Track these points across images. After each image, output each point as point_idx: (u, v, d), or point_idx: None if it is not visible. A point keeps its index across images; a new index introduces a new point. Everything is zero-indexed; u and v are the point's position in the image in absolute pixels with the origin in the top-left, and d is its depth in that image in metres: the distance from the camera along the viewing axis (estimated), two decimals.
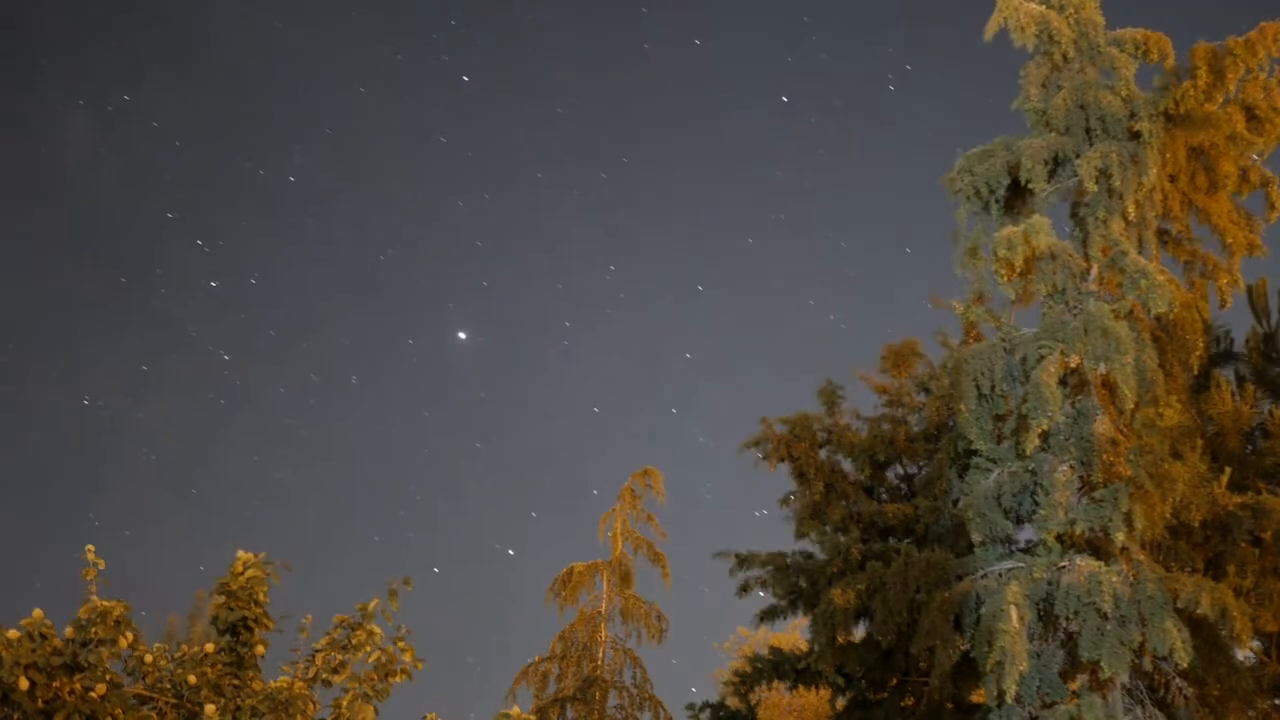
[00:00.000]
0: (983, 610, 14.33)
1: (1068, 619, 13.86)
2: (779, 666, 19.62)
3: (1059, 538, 14.10)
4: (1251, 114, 15.41)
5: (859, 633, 18.40)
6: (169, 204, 57.23)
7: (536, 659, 24.20)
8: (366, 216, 55.85)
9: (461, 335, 49.03)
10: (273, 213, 55.86)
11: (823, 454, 20.22)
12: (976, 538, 14.81)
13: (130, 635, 7.53)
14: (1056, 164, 15.16)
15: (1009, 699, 13.52)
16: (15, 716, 7.07)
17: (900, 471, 20.58)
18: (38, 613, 7.28)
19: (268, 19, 53.94)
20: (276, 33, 53.28)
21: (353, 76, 57.47)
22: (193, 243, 52.79)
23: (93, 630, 7.39)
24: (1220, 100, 15.18)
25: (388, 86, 55.50)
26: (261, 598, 8.10)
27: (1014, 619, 13.71)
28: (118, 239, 55.95)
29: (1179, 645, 13.14)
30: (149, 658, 7.68)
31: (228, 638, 8.06)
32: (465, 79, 53.87)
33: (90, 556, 7.57)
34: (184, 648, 7.94)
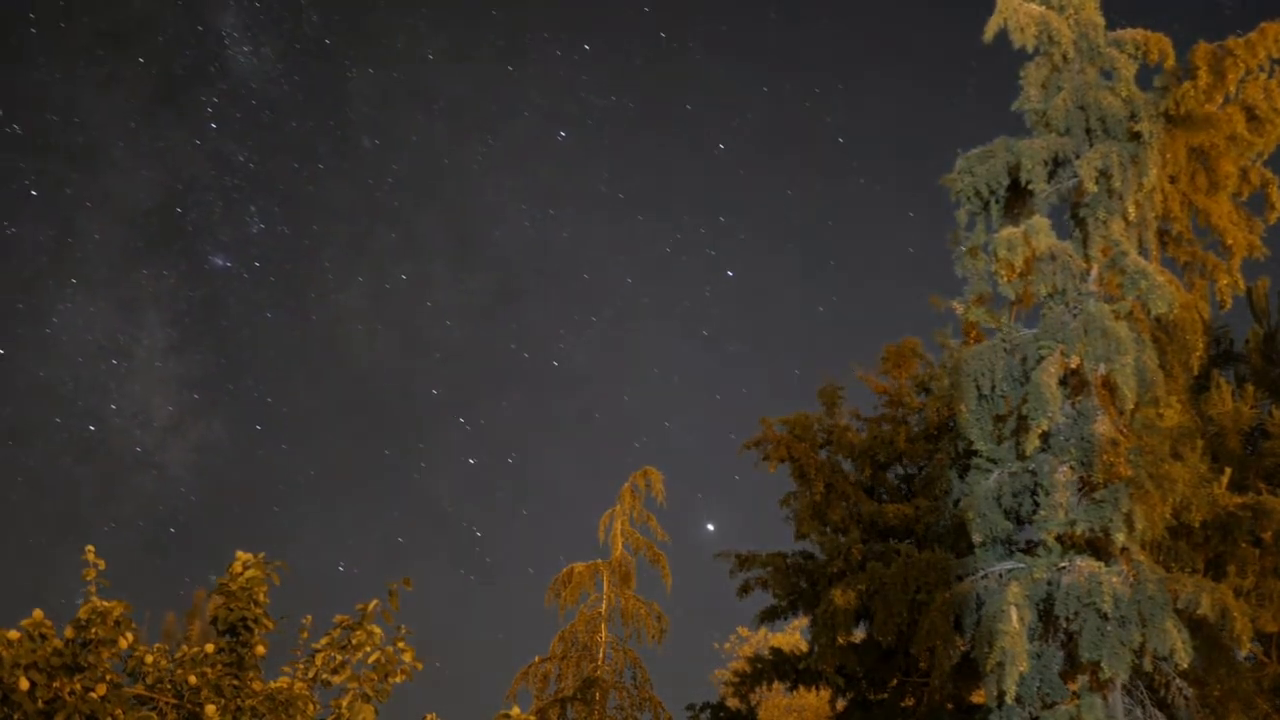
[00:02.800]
0: (983, 611, 14.33)
1: (1068, 619, 13.86)
2: (779, 667, 19.62)
3: (1059, 538, 14.09)
4: (1251, 114, 15.39)
5: (859, 633, 18.39)
6: (435, 381, 58.66)
7: (536, 659, 24.20)
8: (625, 403, 57.28)
9: (710, 527, 49.30)
10: (535, 395, 58.10)
11: (823, 454, 20.23)
12: (977, 538, 14.80)
13: (130, 636, 7.53)
14: (1057, 165, 15.16)
15: (1009, 699, 13.52)
16: (15, 717, 7.07)
17: (900, 472, 20.58)
18: (38, 613, 7.28)
19: (544, 210, 57.49)
20: (551, 221, 56.26)
21: (623, 268, 59.80)
22: (455, 420, 55.26)
23: (93, 630, 7.39)
24: (1220, 101, 15.16)
25: (656, 278, 58.01)
26: (261, 598, 8.09)
27: (1014, 619, 13.71)
28: (384, 411, 58.34)
29: (1179, 646, 13.13)
30: (149, 658, 7.68)
31: (228, 638, 8.06)
32: (730, 273, 56.31)
33: (90, 557, 7.56)
34: (184, 648, 7.94)
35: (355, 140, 54.86)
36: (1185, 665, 13.28)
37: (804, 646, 26.16)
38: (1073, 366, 14.47)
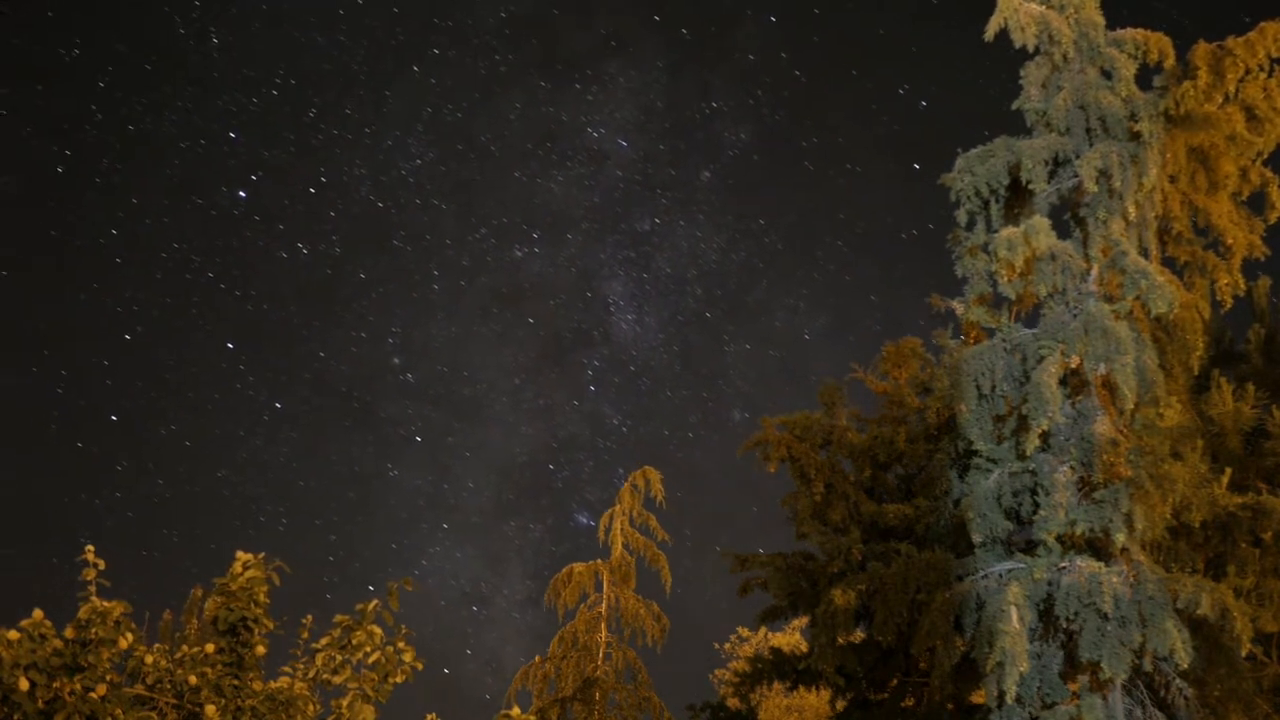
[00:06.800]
0: (983, 611, 14.33)
1: (1068, 620, 13.86)
2: (779, 667, 19.61)
3: (1059, 538, 14.09)
4: (1251, 114, 15.39)
5: (859, 633, 18.39)
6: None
7: (536, 660, 24.21)
8: None
9: None
10: None
11: (823, 455, 20.22)
12: (977, 538, 14.80)
13: (130, 636, 7.52)
14: (1057, 164, 15.16)
15: (1009, 699, 13.52)
16: (15, 717, 7.06)
17: (900, 472, 20.56)
18: (38, 613, 7.27)
19: None
20: None
21: None
22: None
23: (93, 631, 7.38)
24: (1220, 100, 15.15)
25: None
26: (261, 598, 8.09)
27: (1014, 619, 13.71)
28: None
29: (1179, 646, 13.14)
30: (149, 658, 7.66)
31: (228, 638, 8.05)
32: None
33: (90, 557, 7.56)
34: (184, 648, 7.93)
35: (726, 413, 55.74)
36: (1185, 665, 13.29)
37: (804, 646, 26.17)
38: (1073, 366, 14.47)
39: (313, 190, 52.69)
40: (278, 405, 51.97)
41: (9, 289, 51.83)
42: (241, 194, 51.98)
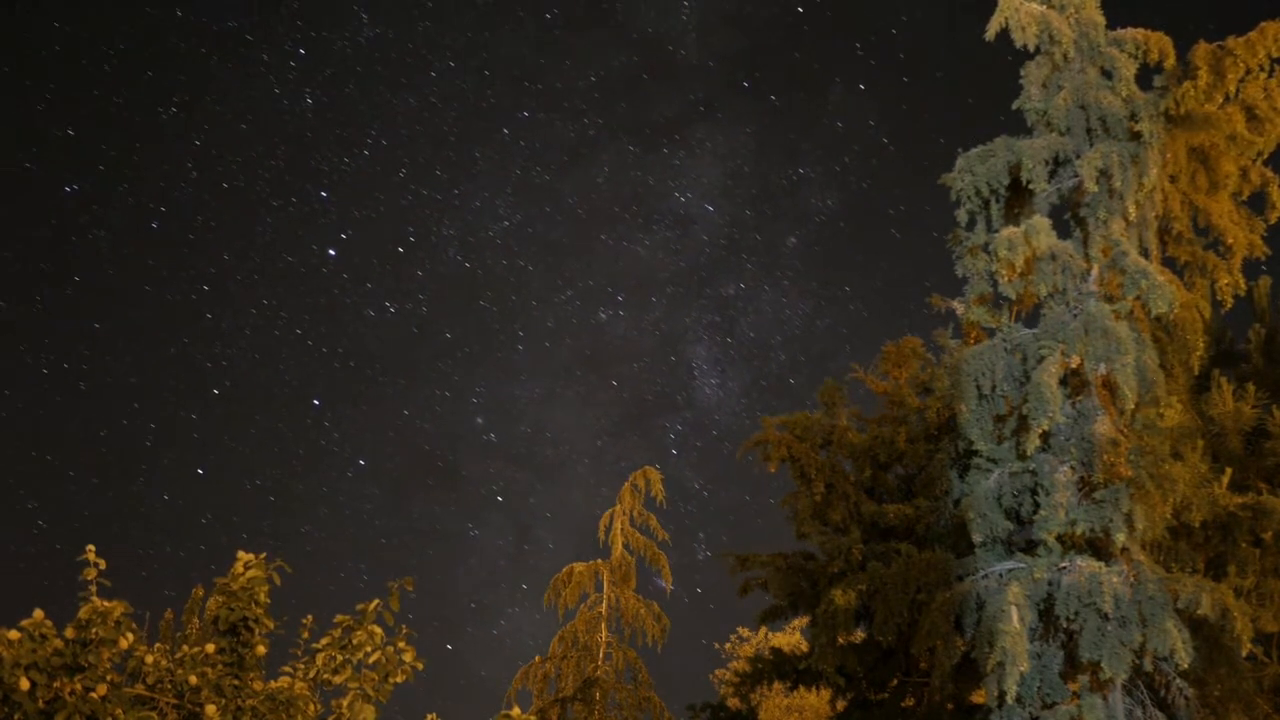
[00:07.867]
0: (983, 611, 14.33)
1: (1068, 619, 13.86)
2: (779, 667, 19.61)
3: (1059, 538, 14.09)
4: (1251, 114, 15.39)
5: (859, 633, 18.39)
6: None
7: (536, 660, 24.21)
8: None
9: None
10: None
11: (823, 455, 20.22)
12: (977, 538, 14.80)
13: (130, 636, 7.52)
14: (1057, 164, 15.15)
15: (1010, 699, 13.52)
16: (15, 717, 7.06)
17: (901, 472, 20.57)
18: (38, 613, 7.27)
19: None
20: None
21: None
22: None
23: (93, 631, 7.38)
24: (1220, 100, 15.15)
25: None
26: (262, 598, 8.09)
27: (1015, 619, 13.70)
28: None
29: (1179, 646, 13.13)
30: (150, 658, 7.66)
31: (228, 638, 8.05)
32: None
33: (91, 557, 7.56)
34: (185, 648, 7.93)
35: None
36: (1185, 665, 13.28)
37: (804, 646, 26.16)
38: (1073, 366, 14.46)
39: (401, 250, 54.13)
40: (361, 462, 53.29)
41: (101, 342, 52.97)
42: (331, 252, 53.28)
